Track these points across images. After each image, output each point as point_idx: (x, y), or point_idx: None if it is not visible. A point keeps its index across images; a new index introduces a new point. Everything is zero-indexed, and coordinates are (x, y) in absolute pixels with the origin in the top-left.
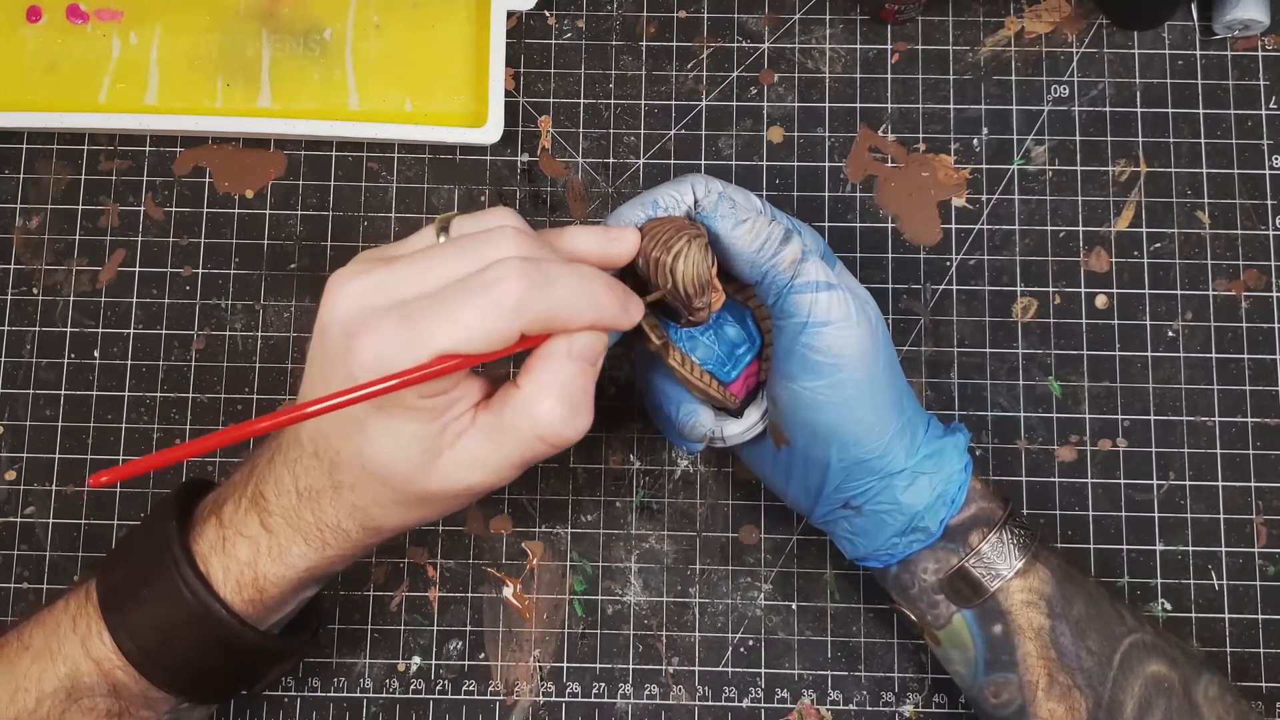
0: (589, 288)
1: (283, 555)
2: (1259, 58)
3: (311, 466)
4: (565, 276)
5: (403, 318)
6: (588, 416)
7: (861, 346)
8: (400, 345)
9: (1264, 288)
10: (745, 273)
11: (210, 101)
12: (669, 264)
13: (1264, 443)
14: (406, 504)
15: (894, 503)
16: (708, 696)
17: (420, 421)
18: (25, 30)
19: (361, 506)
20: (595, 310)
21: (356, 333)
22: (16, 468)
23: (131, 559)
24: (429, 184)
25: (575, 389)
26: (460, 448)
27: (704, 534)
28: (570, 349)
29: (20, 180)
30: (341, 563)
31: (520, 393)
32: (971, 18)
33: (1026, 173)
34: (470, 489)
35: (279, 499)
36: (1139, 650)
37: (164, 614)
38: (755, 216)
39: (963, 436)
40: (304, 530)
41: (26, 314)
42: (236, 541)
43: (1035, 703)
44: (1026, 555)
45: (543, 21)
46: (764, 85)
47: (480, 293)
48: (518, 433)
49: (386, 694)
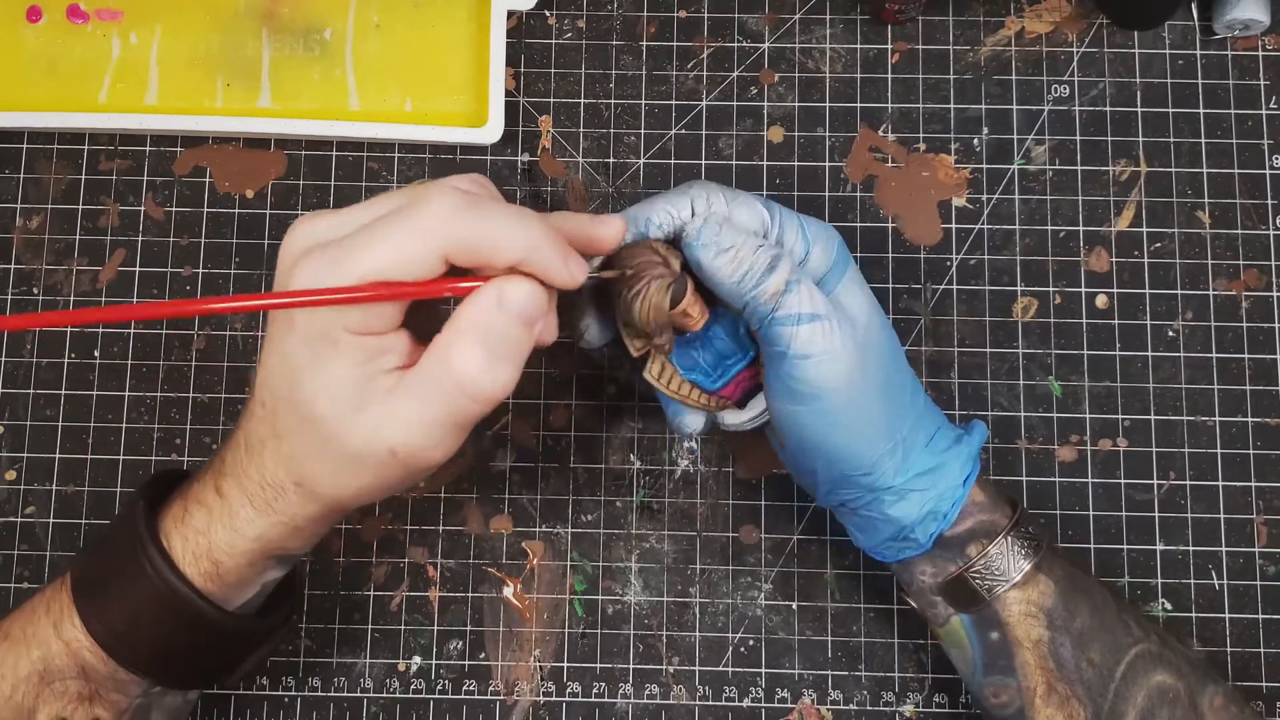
0: (523, 224)
1: (232, 521)
2: (1259, 57)
3: (259, 417)
4: (499, 209)
5: (334, 247)
6: (510, 369)
7: (845, 377)
8: (326, 270)
9: (1264, 287)
10: (728, 300)
11: (210, 101)
12: (629, 300)
13: (1264, 442)
14: (335, 460)
15: (883, 514)
16: (708, 696)
17: (349, 364)
18: (25, 30)
19: (295, 457)
20: (526, 244)
21: (296, 262)
22: (17, 467)
23: (104, 546)
24: None
25: (497, 337)
26: (386, 404)
27: (704, 534)
28: (500, 297)
29: (20, 180)
30: (292, 537)
31: (439, 338)
32: (972, 17)
33: (1027, 172)
34: (395, 450)
35: (232, 457)
36: (1144, 661)
37: (130, 595)
38: (739, 246)
39: (977, 438)
40: (249, 491)
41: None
42: (195, 511)
43: (1034, 708)
44: (1029, 565)
45: (543, 21)
46: (764, 85)
47: (406, 217)
48: (436, 382)
49: (387, 694)
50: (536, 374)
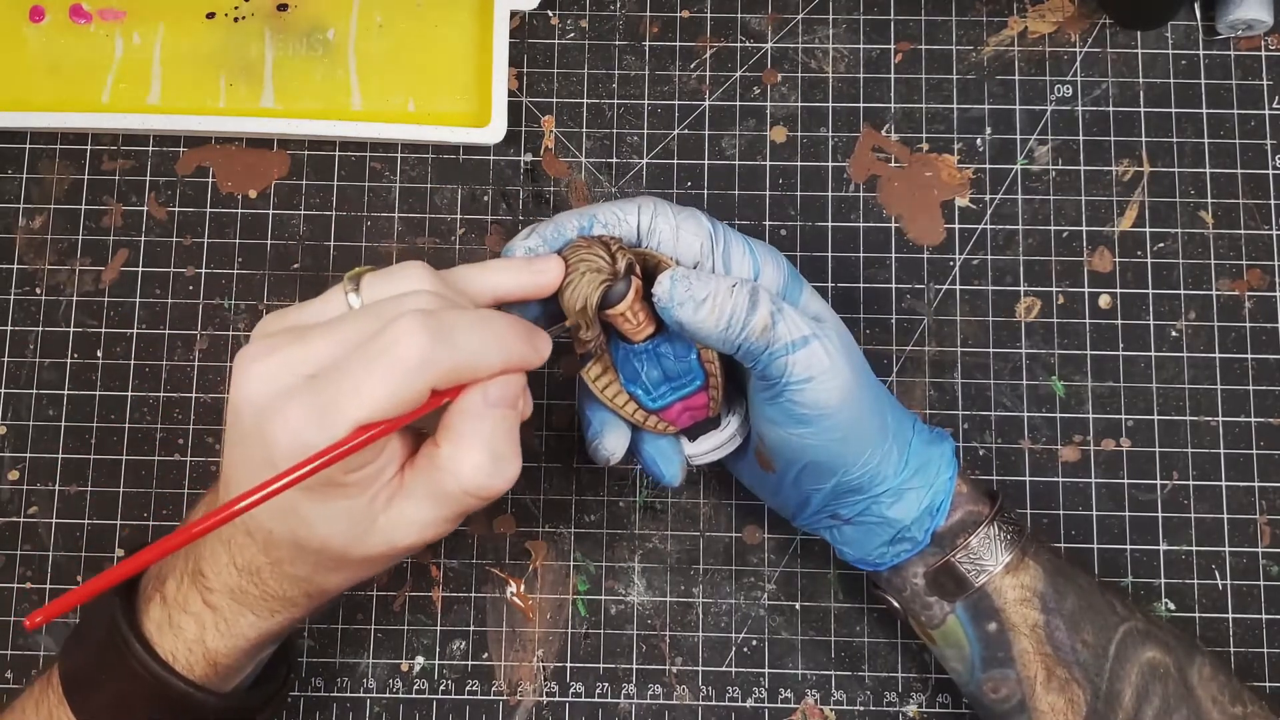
0: (492, 332)
1: (230, 629)
2: (1262, 57)
3: (246, 545)
4: (466, 325)
5: (311, 395)
6: (514, 463)
7: (845, 391)
8: (313, 425)
9: (1267, 287)
10: (722, 350)
11: (213, 101)
12: (561, 287)
13: (1268, 442)
14: (348, 567)
15: (881, 517)
16: (711, 696)
17: (350, 496)
18: (28, 30)
19: (304, 577)
20: (502, 354)
21: (268, 416)
22: (20, 468)
23: (85, 643)
24: (432, 184)
25: (497, 438)
26: (393, 512)
27: (707, 534)
28: (486, 397)
29: (23, 180)
30: (293, 624)
31: (441, 452)
32: (975, 17)
33: (1030, 172)
34: (410, 547)
35: (218, 576)
36: (1133, 638)
37: (123, 692)
38: (713, 291)
39: (949, 445)
40: (250, 604)
41: (30, 314)
42: (182, 619)
43: (1035, 697)
44: (1014, 551)
45: (546, 21)
46: (767, 85)
47: (380, 357)
48: (445, 493)
49: (390, 694)
50: (539, 374)
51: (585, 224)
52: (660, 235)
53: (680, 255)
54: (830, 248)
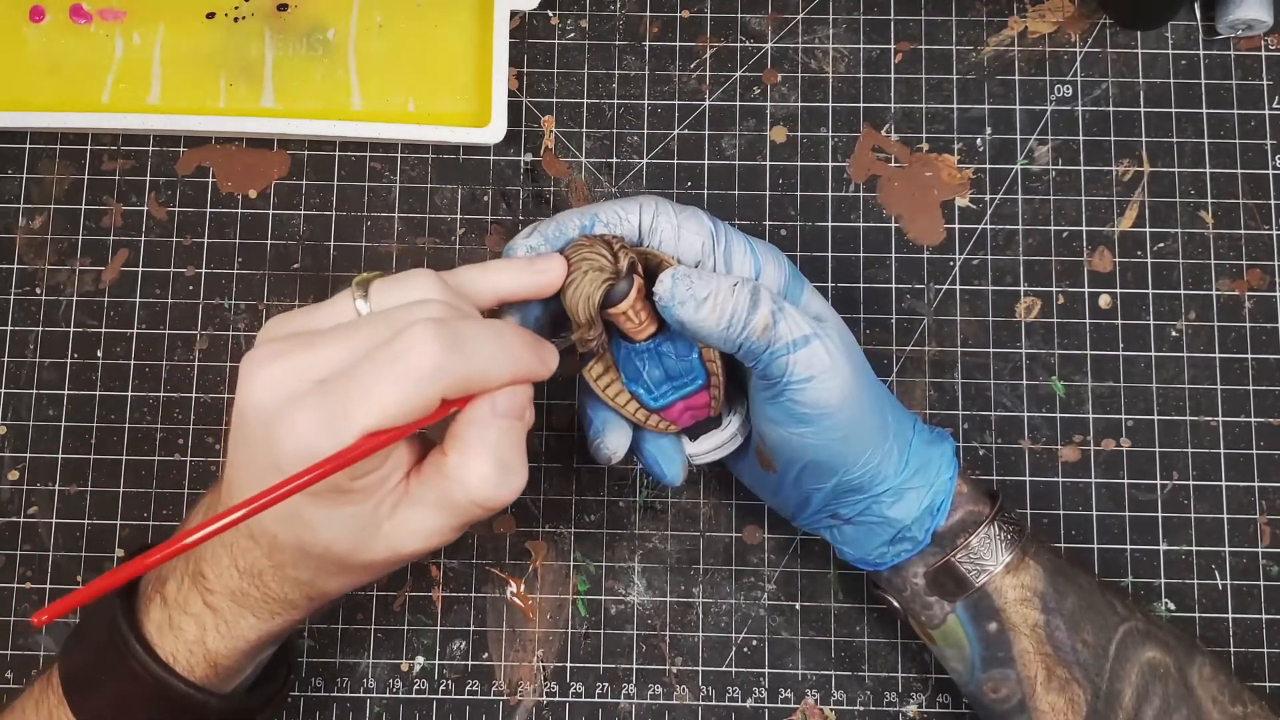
0: (503, 343)
1: (231, 631)
2: (1262, 57)
3: (249, 548)
4: (477, 336)
5: (320, 401)
6: (521, 474)
7: (846, 389)
8: (322, 431)
9: (1267, 288)
10: (722, 349)
11: (213, 101)
12: (564, 286)
13: (1268, 442)
14: (351, 572)
15: (881, 517)
16: (711, 696)
17: (355, 502)
18: (28, 30)
19: (306, 580)
20: (512, 366)
21: (275, 422)
22: (20, 468)
23: (86, 643)
24: (432, 184)
25: (504, 449)
26: (398, 519)
27: (707, 534)
28: (494, 407)
29: (23, 180)
30: (293, 626)
31: (448, 460)
32: (975, 17)
33: (1030, 172)
34: (413, 554)
35: (219, 578)
36: (1133, 638)
37: (123, 692)
38: (714, 290)
39: (949, 445)
40: (251, 606)
41: (30, 314)
42: (182, 620)
43: (1035, 697)
44: (1014, 551)
45: (546, 21)
46: (767, 85)
47: (392, 364)
48: (452, 501)
49: (390, 694)
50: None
51: (587, 223)
52: (662, 234)
53: (682, 254)
54: (830, 248)
